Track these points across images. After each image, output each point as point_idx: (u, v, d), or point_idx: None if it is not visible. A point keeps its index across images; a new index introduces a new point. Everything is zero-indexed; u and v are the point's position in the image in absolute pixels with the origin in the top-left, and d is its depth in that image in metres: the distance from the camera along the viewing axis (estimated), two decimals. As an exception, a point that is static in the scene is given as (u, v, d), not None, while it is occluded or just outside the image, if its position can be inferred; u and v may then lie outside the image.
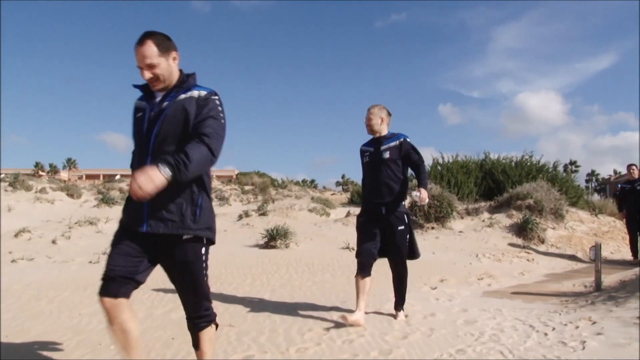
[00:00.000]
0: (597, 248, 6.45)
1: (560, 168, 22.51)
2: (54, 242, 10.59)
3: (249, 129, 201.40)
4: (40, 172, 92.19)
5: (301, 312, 5.13)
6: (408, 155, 4.77)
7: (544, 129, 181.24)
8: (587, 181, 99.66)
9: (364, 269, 4.69)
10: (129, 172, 2.70)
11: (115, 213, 14.96)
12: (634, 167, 10.42)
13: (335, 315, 4.96)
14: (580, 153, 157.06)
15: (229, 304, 5.51)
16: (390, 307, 5.25)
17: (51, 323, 4.74)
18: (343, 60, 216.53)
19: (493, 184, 18.86)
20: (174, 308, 5.22)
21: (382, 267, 5.44)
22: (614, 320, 4.49)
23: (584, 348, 3.79)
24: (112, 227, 12.93)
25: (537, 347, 3.91)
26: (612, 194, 29.34)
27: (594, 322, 4.49)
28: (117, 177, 72.32)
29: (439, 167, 20.26)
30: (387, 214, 4.70)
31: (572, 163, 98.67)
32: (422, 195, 4.44)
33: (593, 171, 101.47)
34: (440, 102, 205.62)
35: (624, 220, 10.82)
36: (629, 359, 3.48)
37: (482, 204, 15.08)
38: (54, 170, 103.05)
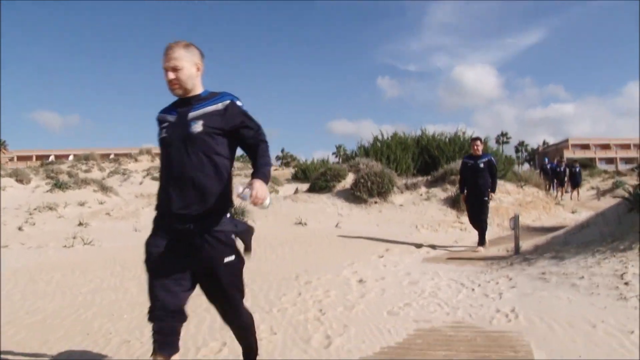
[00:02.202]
0: (515, 219, 7.70)
1: (492, 140, 24.24)
2: (20, 229, 11.01)
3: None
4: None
5: (273, 281, 6.07)
6: (237, 130, 2.71)
7: (479, 101, 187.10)
8: (516, 151, 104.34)
9: (163, 345, 2.65)
10: (64, 152, 3.08)
11: (70, 197, 15.36)
12: (478, 142, 9.20)
13: (302, 281, 5.92)
14: (513, 125, 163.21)
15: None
16: (347, 273, 6.28)
17: (60, 301, 5.48)
18: (283, 35, 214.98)
19: (429, 159, 20.17)
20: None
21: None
22: (525, 276, 5.67)
23: (500, 298, 4.91)
24: (72, 211, 13.45)
25: (466, 299, 5.01)
26: (539, 165, 31.50)
27: (510, 279, 5.65)
28: (51, 158, 70.55)
29: (378, 144, 21.45)
30: (199, 234, 2.62)
31: (504, 134, 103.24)
32: (255, 194, 2.45)
33: (522, 142, 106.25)
34: (379, 75, 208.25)
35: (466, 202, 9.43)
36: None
37: (420, 178, 16.35)
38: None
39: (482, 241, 8.91)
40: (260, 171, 2.62)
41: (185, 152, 2.64)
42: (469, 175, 9.10)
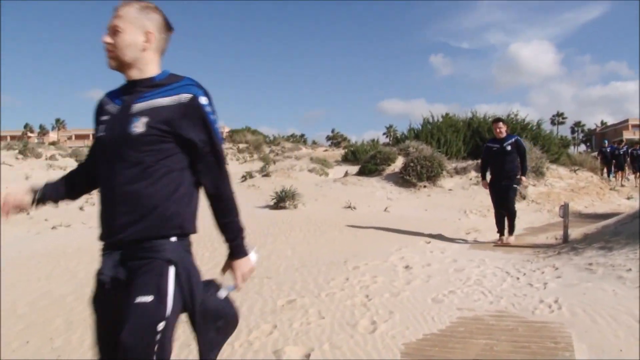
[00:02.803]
0: (565, 207, 7.66)
1: (547, 121, 23.70)
2: (81, 208, 11.64)
3: (236, 84, 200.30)
4: (29, 134, 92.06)
5: (322, 265, 6.30)
6: (190, 141, 1.98)
7: (535, 80, 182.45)
8: (572, 132, 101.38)
9: None
10: None
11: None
12: (500, 124, 8.33)
13: (350, 266, 6.13)
14: (570, 104, 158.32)
15: (261, 260, 6.68)
16: (394, 258, 6.45)
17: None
18: (333, 14, 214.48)
19: (481, 142, 19.96)
20: (218, 264, 6.40)
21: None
22: (572, 266, 5.70)
23: (545, 288, 4.99)
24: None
25: (510, 288, 5.10)
26: (597, 147, 30.34)
27: (556, 269, 5.70)
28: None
29: (429, 126, 21.36)
30: (131, 265, 1.95)
31: (560, 115, 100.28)
32: (240, 281, 2.13)
33: (579, 122, 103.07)
34: (432, 53, 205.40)
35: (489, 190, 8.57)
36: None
37: (470, 162, 16.26)
38: (43, 131, 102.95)
39: (512, 230, 8.21)
40: (233, 244, 2.10)
41: (119, 159, 1.95)
42: (495, 161, 8.24)
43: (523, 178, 8.27)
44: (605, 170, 20.57)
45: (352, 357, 3.50)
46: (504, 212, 8.20)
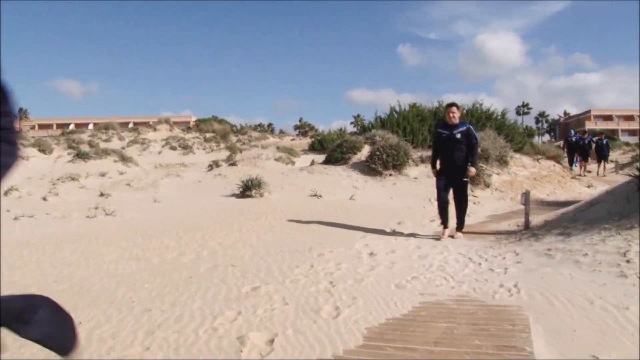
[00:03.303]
0: (526, 195, 7.82)
1: (512, 111, 24.05)
2: (44, 199, 11.40)
3: (204, 73, 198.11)
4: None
5: (287, 253, 6.31)
6: None
7: (502, 70, 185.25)
8: (537, 122, 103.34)
9: None
10: (84, 120, 2.33)
11: (92, 168, 15.74)
12: (454, 109, 7.60)
13: (315, 254, 6.15)
14: (536, 94, 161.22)
15: (227, 248, 6.65)
16: (359, 245, 6.49)
17: (85, 270, 5.77)
18: (303, 3, 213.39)
19: (446, 132, 20.16)
20: (182, 253, 6.35)
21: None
22: (532, 252, 5.83)
23: (505, 273, 5.09)
24: (94, 181, 13.82)
25: (471, 274, 5.20)
26: (562, 136, 30.84)
27: (517, 254, 5.82)
28: (71, 126, 71.33)
29: (395, 115, 21.49)
30: None
31: (525, 105, 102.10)
32: None
33: (543, 112, 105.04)
34: (400, 43, 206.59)
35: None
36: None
37: (436, 151, 16.41)
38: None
39: (461, 225, 7.64)
40: None
41: None
42: (444, 148, 7.59)
43: (471, 170, 7.44)
44: (570, 159, 21.02)
45: (315, 342, 3.52)
46: (449, 203, 7.70)
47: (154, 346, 3.53)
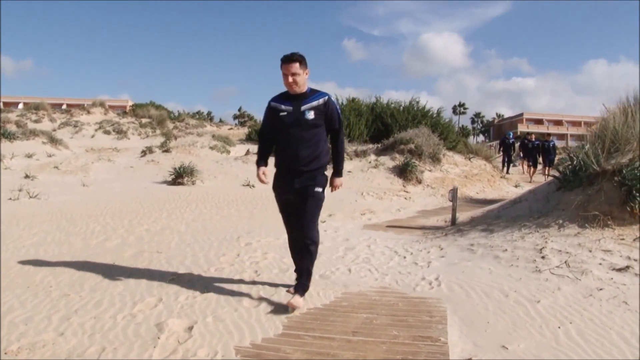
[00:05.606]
0: (454, 191, 8.01)
1: (449, 110, 24.55)
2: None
3: (144, 57, 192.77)
4: None
5: (215, 241, 6.21)
6: None
7: (444, 70, 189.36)
8: (472, 122, 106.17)
9: None
10: (14, 100, 2.36)
11: (18, 148, 15.02)
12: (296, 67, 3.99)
13: (242, 243, 6.09)
14: (475, 95, 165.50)
15: (154, 234, 6.49)
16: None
17: (4, 253, 5.50)
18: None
19: (382, 127, 20.44)
20: (108, 238, 6.14)
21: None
22: (456, 247, 5.98)
23: (428, 266, 5.20)
24: (19, 163, 13.20)
25: (396, 266, 5.27)
26: (497, 137, 30.84)
27: (442, 249, 5.95)
28: (0, 105, 67.80)
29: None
30: None
31: (461, 105, 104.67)
32: None
33: (478, 113, 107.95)
34: (345, 37, 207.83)
35: None
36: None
37: (370, 146, 16.61)
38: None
39: (302, 284, 4.12)
40: None
41: None
42: (282, 136, 4.45)
43: (336, 180, 4.85)
44: (505, 161, 20.73)
45: (234, 330, 3.48)
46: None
47: (69, 332, 3.40)
